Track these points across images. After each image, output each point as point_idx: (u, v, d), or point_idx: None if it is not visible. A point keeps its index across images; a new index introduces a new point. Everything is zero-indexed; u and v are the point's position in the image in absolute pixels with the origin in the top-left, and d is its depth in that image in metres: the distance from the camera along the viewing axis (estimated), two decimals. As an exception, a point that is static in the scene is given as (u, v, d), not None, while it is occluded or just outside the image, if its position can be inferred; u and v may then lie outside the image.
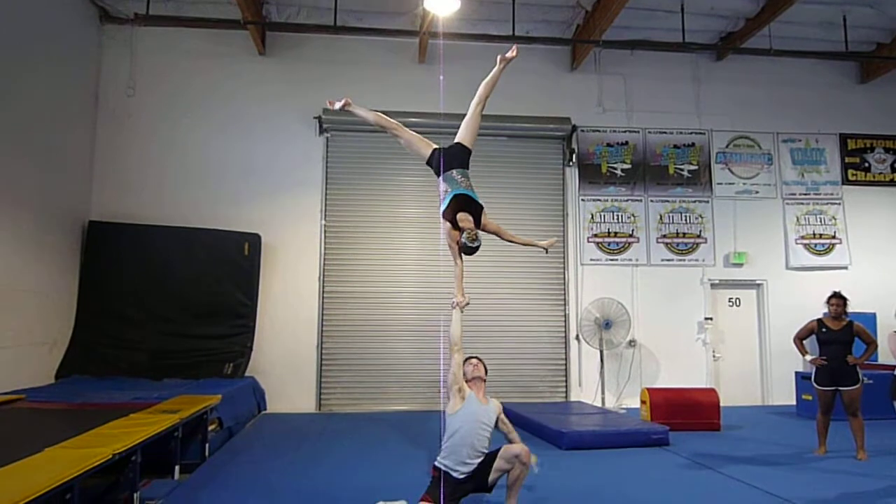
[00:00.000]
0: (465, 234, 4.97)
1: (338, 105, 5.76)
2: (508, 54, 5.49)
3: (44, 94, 8.56)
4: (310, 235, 10.36)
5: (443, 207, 5.20)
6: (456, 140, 5.45)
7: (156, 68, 10.38)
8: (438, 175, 5.33)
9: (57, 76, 8.94)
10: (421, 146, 5.51)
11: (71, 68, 9.44)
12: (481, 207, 5.23)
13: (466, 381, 4.89)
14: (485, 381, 4.99)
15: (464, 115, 5.52)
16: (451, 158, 5.31)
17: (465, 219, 5.06)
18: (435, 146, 5.46)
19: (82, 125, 9.82)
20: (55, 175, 8.97)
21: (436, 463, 4.69)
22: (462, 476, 4.57)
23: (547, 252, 5.92)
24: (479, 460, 4.64)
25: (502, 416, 4.94)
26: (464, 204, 5.12)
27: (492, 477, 4.57)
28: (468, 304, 5.04)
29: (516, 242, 5.70)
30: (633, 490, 5.62)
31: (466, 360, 5.03)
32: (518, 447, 4.59)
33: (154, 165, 10.17)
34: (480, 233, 5.14)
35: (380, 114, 5.70)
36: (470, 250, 5.03)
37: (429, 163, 5.45)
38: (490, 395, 4.99)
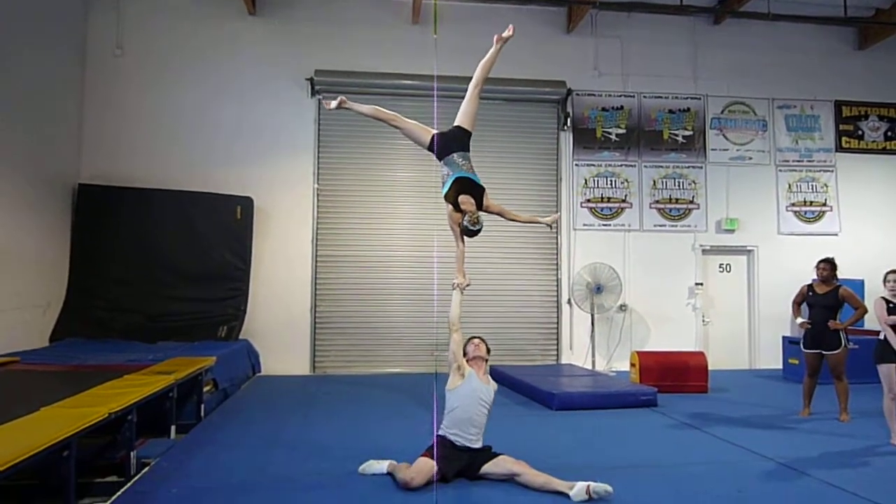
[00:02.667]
0: (466, 217, 4.98)
1: (333, 104, 5.68)
2: (505, 34, 5.41)
3: (30, 55, 8.41)
4: (302, 199, 10.33)
5: (444, 190, 5.20)
6: (455, 123, 5.41)
7: (144, 28, 10.20)
8: (440, 159, 5.32)
9: (43, 36, 8.78)
10: (420, 133, 5.46)
11: (57, 28, 9.27)
12: (483, 189, 5.23)
13: (467, 361, 4.95)
14: (486, 360, 5.07)
15: (457, 77, 5.49)
16: (452, 142, 5.28)
17: (466, 201, 5.05)
18: (434, 131, 5.42)
19: (70, 86, 9.69)
20: (43, 137, 8.87)
21: (439, 433, 4.74)
22: (461, 444, 4.64)
23: (551, 228, 6.04)
24: (480, 441, 4.73)
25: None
26: (465, 186, 5.12)
27: (484, 469, 4.60)
28: (469, 285, 5.08)
29: (520, 220, 5.78)
30: (622, 448, 5.74)
31: (469, 339, 5.10)
32: (517, 466, 4.55)
33: (144, 128, 10.07)
34: (482, 214, 5.15)
35: (377, 107, 5.63)
36: (471, 233, 5.04)
37: (430, 148, 5.41)
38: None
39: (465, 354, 4.99)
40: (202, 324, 9.41)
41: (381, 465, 4.70)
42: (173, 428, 6.07)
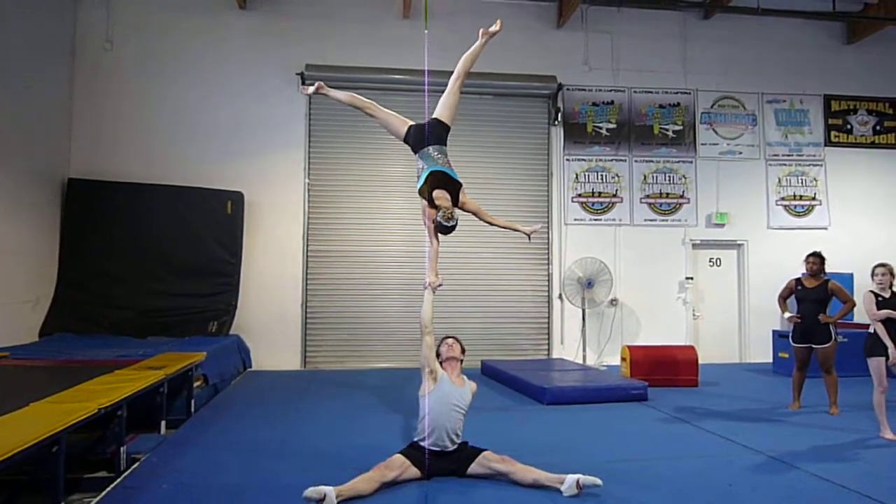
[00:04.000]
0: (440, 213, 4.83)
1: (311, 90, 5.60)
2: (492, 28, 5.33)
3: (18, 48, 8.33)
4: (293, 194, 10.30)
5: (419, 185, 5.09)
6: (433, 116, 5.31)
7: (133, 22, 10.12)
8: (415, 152, 5.23)
9: (31, 30, 8.69)
10: (397, 124, 5.39)
11: (45, 21, 9.17)
12: (460, 185, 5.10)
13: (441, 362, 4.79)
14: (461, 361, 4.87)
15: (448, 72, 5.44)
16: (428, 135, 5.18)
17: (441, 196, 4.92)
18: (410, 123, 5.34)
19: (59, 80, 9.59)
20: (32, 132, 8.78)
21: (414, 439, 4.64)
22: (435, 447, 4.51)
23: (530, 239, 5.81)
24: (456, 445, 4.56)
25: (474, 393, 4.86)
26: (440, 181, 4.99)
27: (471, 471, 4.49)
28: (441, 285, 4.93)
29: (496, 225, 5.58)
30: (612, 442, 5.75)
31: (442, 339, 4.95)
32: (503, 465, 4.44)
33: (133, 122, 10.00)
34: (458, 211, 5.03)
35: (354, 95, 5.58)
36: (445, 229, 4.89)
37: (405, 140, 5.34)
38: (466, 376, 4.87)
39: (438, 356, 4.82)
40: (192, 319, 9.37)
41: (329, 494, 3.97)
42: (163, 423, 6.04)
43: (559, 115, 10.97)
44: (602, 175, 11.11)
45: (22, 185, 8.49)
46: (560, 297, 10.69)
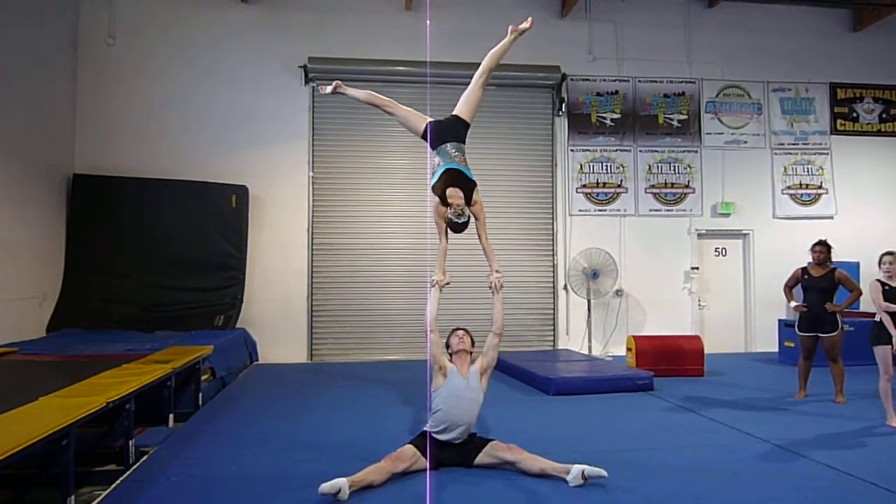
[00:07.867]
0: (451, 210, 4.82)
1: (329, 89, 5.57)
2: (522, 25, 5.30)
3: (20, 44, 8.34)
4: (297, 187, 10.30)
5: (433, 181, 5.05)
6: (453, 112, 5.27)
7: (136, 18, 10.12)
8: (433, 149, 5.16)
9: (34, 25, 8.70)
10: (415, 120, 5.33)
11: (48, 17, 9.18)
12: (474, 184, 5.05)
13: (452, 353, 4.81)
14: (471, 353, 4.88)
15: (450, 63, 5.43)
16: (446, 131, 5.13)
17: (454, 194, 4.89)
18: (429, 119, 5.28)
19: (62, 76, 9.61)
20: (37, 128, 8.81)
21: (425, 428, 4.66)
22: (446, 439, 4.54)
23: (490, 288, 5.32)
24: (465, 436, 4.59)
25: (482, 367, 4.81)
26: (455, 179, 4.95)
27: (478, 461, 4.52)
28: (448, 283, 4.93)
29: (480, 242, 5.23)
30: (618, 432, 5.77)
31: (453, 331, 4.96)
32: (510, 454, 4.46)
33: (137, 117, 10.01)
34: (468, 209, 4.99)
35: (372, 93, 5.53)
36: (457, 227, 4.87)
37: (423, 136, 5.27)
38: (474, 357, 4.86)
39: (448, 347, 4.86)
40: (199, 313, 9.41)
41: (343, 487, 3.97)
42: (171, 416, 6.09)
43: (563, 105, 10.94)
44: (607, 165, 11.08)
45: (27, 181, 8.52)
46: (565, 287, 10.69)
